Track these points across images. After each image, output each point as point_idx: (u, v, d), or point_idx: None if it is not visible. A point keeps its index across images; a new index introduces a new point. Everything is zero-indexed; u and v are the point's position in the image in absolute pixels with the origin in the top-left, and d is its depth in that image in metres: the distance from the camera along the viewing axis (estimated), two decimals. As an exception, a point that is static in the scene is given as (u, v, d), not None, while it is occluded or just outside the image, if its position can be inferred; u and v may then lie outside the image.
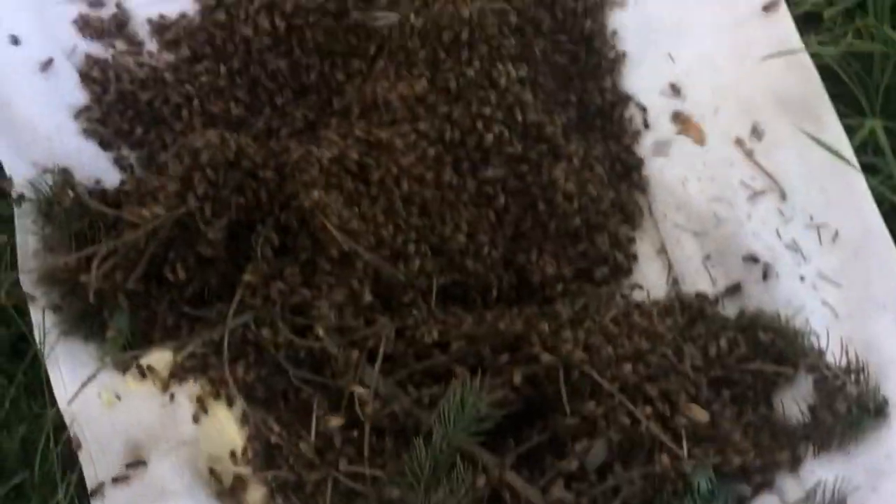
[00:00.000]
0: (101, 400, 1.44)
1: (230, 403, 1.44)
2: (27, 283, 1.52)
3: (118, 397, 1.45)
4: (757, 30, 1.74)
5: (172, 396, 1.45)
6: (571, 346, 1.44)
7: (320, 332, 1.44)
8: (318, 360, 1.47)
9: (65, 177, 1.57)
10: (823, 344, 1.53)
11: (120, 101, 1.70)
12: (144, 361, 1.47)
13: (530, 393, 1.46)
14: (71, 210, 1.54)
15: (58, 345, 1.49)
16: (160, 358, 1.47)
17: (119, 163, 1.67)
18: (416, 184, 1.57)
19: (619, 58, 1.77)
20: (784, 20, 1.73)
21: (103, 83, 1.70)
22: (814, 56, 1.69)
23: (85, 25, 1.76)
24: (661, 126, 1.72)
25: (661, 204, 1.67)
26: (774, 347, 1.52)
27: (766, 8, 1.75)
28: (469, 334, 1.48)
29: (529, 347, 1.45)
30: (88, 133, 1.67)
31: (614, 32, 1.79)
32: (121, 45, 1.76)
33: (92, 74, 1.71)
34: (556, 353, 1.44)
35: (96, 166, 1.65)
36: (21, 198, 1.55)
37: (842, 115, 1.67)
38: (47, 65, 1.68)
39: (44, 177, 1.56)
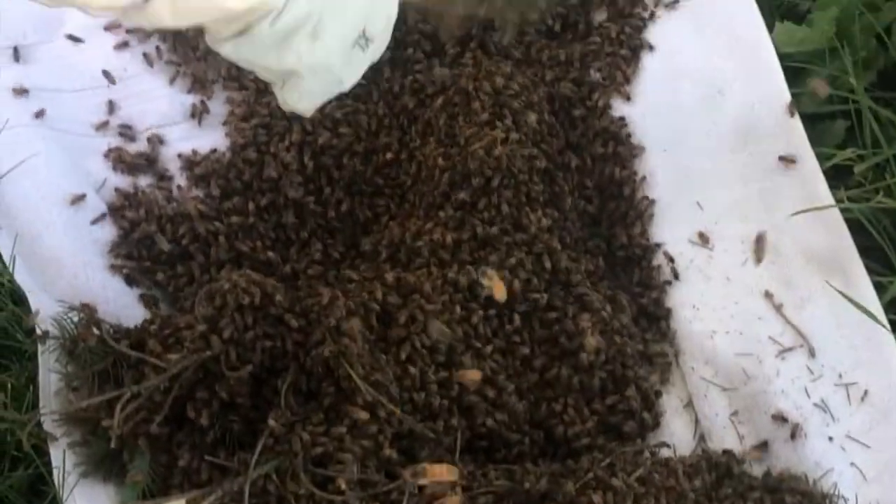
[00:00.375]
0: (121, 549, 1.45)
1: (249, 555, 1.44)
2: (48, 422, 1.52)
3: (137, 545, 1.45)
4: (786, 181, 1.76)
5: (190, 545, 1.45)
6: (598, 509, 1.44)
7: (342, 485, 1.44)
8: (340, 514, 1.47)
9: (89, 315, 1.58)
10: (852, 508, 1.53)
11: (148, 237, 1.71)
12: (164, 508, 1.47)
13: (555, 554, 1.45)
14: (95, 349, 1.55)
15: (76, 487, 1.49)
16: (179, 505, 1.48)
17: (144, 299, 1.68)
18: (436, 334, 1.58)
19: (648, 205, 1.79)
20: (813, 173, 1.75)
21: (132, 218, 1.72)
22: (843, 210, 1.71)
23: (116, 159, 1.78)
24: (690, 276, 1.73)
25: (688, 357, 1.68)
26: (802, 510, 1.52)
27: (783, 159, 1.77)
28: (493, 492, 1.47)
29: (555, 507, 1.45)
30: (115, 269, 1.68)
31: (643, 178, 1.82)
32: (151, 179, 1.79)
33: (121, 209, 1.73)
34: (581, 513, 1.44)
35: (121, 302, 1.66)
36: (45, 335, 1.56)
37: (871, 272, 1.68)
38: (78, 199, 1.70)
39: (69, 314, 1.57)
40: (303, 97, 1.38)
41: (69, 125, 1.80)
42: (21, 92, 1.79)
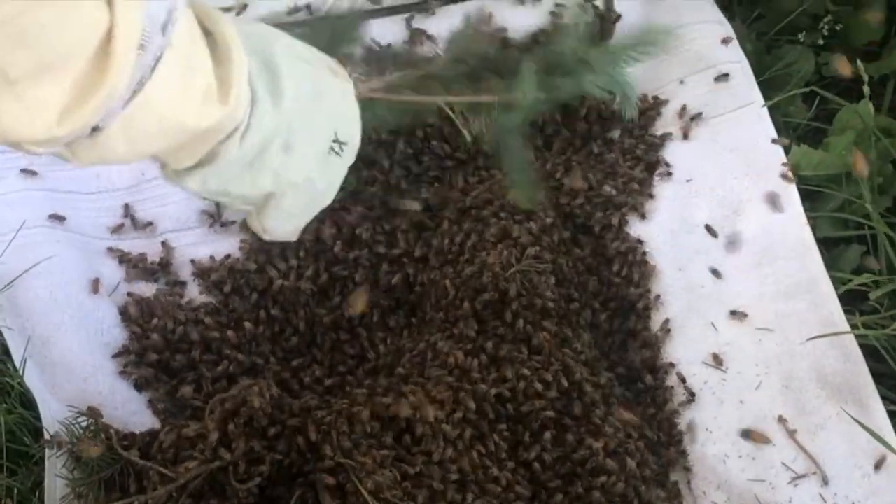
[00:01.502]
0: None
1: None
2: (52, 529, 1.55)
3: None
4: (801, 305, 1.81)
5: None
6: None
7: None
8: None
9: (97, 421, 1.62)
10: None
11: (158, 343, 1.76)
12: None
13: None
14: (102, 456, 1.58)
15: None
16: None
17: (153, 406, 1.72)
18: (454, 448, 1.61)
19: (662, 325, 1.84)
20: (828, 298, 1.80)
21: (142, 324, 1.77)
22: (858, 337, 1.75)
23: (129, 263, 1.84)
24: (703, 398, 1.77)
25: (700, 481, 1.71)
26: None
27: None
28: None
29: None
30: (124, 375, 1.73)
31: (657, 297, 1.86)
32: (164, 284, 1.85)
33: (132, 314, 1.78)
34: None
35: (129, 408, 1.70)
36: (53, 440, 1.60)
37: (886, 400, 1.72)
38: (90, 303, 1.75)
39: (77, 419, 1.61)
40: (285, 220, 1.30)
41: (84, 227, 1.85)
42: (37, 193, 1.84)
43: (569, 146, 2.02)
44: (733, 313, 1.83)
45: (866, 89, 1.91)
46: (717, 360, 1.80)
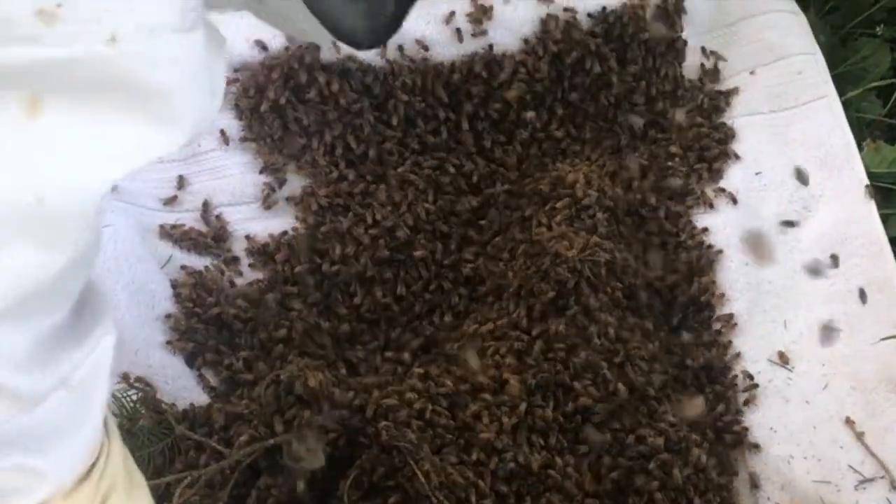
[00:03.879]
0: None
1: None
2: (101, 502, 1.56)
3: None
4: (871, 305, 1.82)
5: None
6: None
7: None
8: None
9: (149, 393, 1.64)
10: None
11: (210, 318, 1.78)
12: None
13: None
14: (154, 429, 1.60)
15: (126, 572, 1.54)
16: None
17: (203, 381, 1.74)
18: (511, 437, 1.63)
19: (728, 320, 1.84)
20: (898, 299, 1.81)
21: (195, 298, 1.78)
22: (929, 339, 1.76)
23: (183, 236, 1.85)
24: (769, 398, 1.78)
25: (764, 481, 1.71)
26: None
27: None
28: None
29: None
30: (176, 348, 1.74)
31: (723, 295, 1.87)
32: (217, 258, 1.86)
33: (184, 288, 1.79)
34: None
35: (180, 383, 1.72)
36: (103, 411, 1.61)
37: (958, 404, 1.73)
38: (141, 272, 1.76)
39: (128, 392, 1.62)
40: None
41: (138, 198, 1.87)
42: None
43: (634, 132, 2.03)
44: (801, 311, 1.84)
45: (946, 85, 1.92)
46: (784, 359, 1.80)
